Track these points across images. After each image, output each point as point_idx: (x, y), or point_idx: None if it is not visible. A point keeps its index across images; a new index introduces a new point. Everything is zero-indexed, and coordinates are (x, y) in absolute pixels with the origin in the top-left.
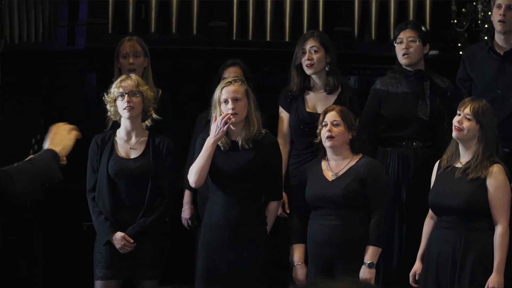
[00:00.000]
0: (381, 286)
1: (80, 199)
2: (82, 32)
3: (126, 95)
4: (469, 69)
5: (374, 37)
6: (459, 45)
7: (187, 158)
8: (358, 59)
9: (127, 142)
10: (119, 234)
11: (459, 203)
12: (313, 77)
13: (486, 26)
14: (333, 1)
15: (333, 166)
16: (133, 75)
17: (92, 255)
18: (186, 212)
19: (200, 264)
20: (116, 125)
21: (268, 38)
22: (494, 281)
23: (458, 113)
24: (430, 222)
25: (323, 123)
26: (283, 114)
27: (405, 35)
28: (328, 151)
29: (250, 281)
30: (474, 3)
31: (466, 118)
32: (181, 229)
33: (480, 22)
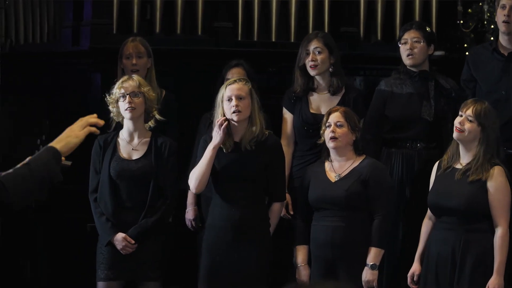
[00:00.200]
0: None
1: (83, 200)
2: (86, 32)
3: (128, 96)
4: (473, 70)
5: (380, 37)
6: (465, 45)
7: (191, 158)
8: (364, 60)
9: (130, 143)
10: (121, 235)
11: (459, 204)
12: (317, 78)
13: (492, 26)
14: (338, 1)
15: (336, 167)
16: (135, 76)
17: (95, 256)
18: (190, 213)
19: (203, 265)
20: (119, 126)
21: (273, 39)
22: (494, 282)
23: (460, 114)
24: (428, 222)
25: (327, 124)
26: (287, 115)
27: (409, 36)
28: (331, 152)
29: (253, 282)
30: (480, 4)
31: (468, 120)
32: (184, 230)
33: (486, 22)
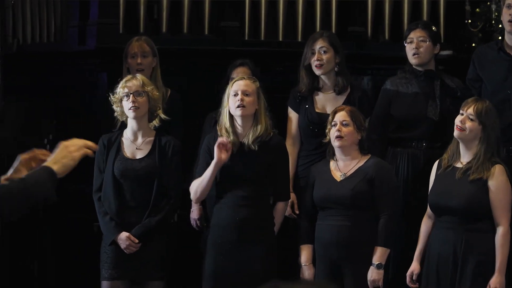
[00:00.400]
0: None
1: (90, 200)
2: (93, 32)
3: (131, 95)
4: (479, 69)
5: (387, 37)
6: (473, 45)
7: (196, 158)
8: (371, 59)
9: (134, 143)
10: (124, 234)
11: (460, 204)
12: (322, 77)
13: (500, 26)
14: (346, 1)
15: (341, 167)
16: (138, 75)
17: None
18: (194, 212)
19: (207, 264)
20: (124, 125)
21: (280, 38)
22: (496, 281)
23: (460, 112)
24: (427, 222)
25: (333, 123)
26: (292, 115)
27: (415, 35)
28: (336, 151)
29: (258, 282)
30: (488, 3)
31: (469, 118)
32: (188, 229)
33: (494, 22)
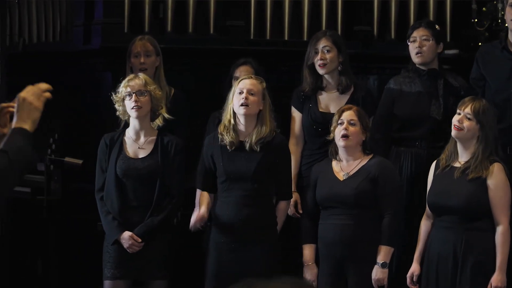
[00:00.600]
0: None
1: (93, 200)
2: (98, 31)
3: (134, 95)
4: (482, 68)
5: (393, 36)
6: (480, 44)
7: (200, 157)
8: (377, 59)
9: (136, 142)
10: (127, 234)
11: (460, 203)
12: (325, 77)
13: (507, 25)
14: (352, 0)
15: (344, 166)
16: (141, 74)
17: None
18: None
19: (210, 264)
20: (127, 124)
21: (286, 38)
22: (497, 279)
23: (458, 112)
24: (426, 222)
25: (339, 121)
26: (296, 114)
27: (418, 34)
28: (340, 151)
29: None
30: (495, 2)
31: (467, 118)
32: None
33: (500, 21)
